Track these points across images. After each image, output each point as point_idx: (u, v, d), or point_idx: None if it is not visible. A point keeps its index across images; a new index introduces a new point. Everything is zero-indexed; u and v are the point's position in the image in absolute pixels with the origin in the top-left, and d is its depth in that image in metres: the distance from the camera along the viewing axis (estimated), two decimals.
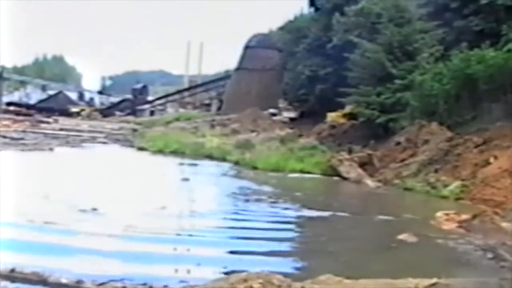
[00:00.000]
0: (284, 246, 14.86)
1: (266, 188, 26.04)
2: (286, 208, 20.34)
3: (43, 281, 9.79)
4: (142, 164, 36.51)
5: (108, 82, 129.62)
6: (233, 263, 12.33)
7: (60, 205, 17.43)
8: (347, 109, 47.59)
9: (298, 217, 19.15)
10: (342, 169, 31.68)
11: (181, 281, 9.11)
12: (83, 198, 18.66)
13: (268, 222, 17.44)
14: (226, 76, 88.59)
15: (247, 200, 22.11)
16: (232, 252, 13.92)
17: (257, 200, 22.03)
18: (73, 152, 39.59)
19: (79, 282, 9.53)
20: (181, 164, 36.85)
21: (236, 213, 19.15)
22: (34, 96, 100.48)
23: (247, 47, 76.36)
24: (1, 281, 9.36)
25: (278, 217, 18.38)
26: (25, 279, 9.79)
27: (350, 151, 35.68)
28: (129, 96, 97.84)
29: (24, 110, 78.37)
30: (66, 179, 24.46)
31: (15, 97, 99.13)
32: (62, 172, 27.91)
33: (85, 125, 64.53)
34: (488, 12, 39.58)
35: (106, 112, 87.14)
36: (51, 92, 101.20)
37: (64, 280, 9.81)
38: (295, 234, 17.01)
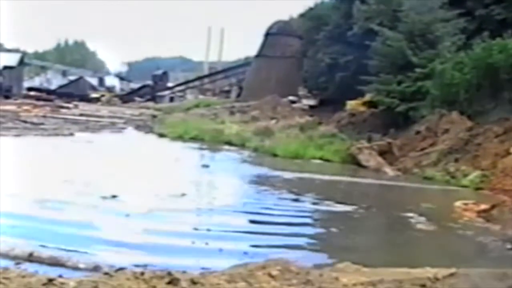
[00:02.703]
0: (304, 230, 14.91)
1: (286, 176, 26.02)
2: (303, 201, 20.30)
3: (61, 265, 9.83)
4: (162, 150, 36.54)
5: (128, 69, 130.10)
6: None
7: (80, 191, 17.48)
8: (367, 97, 47.41)
9: (319, 207, 19.10)
10: (362, 158, 31.63)
11: (202, 268, 9.10)
12: (103, 184, 18.74)
13: (288, 216, 17.22)
14: (246, 63, 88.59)
15: (265, 189, 22.04)
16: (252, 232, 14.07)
17: (276, 189, 21.96)
18: (93, 137, 39.69)
19: (97, 267, 9.55)
20: (201, 150, 36.98)
21: (255, 201, 19.17)
22: (55, 81, 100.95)
23: (267, 34, 76.28)
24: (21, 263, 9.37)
25: (297, 211, 18.25)
26: (42, 263, 9.83)
27: (369, 140, 35.63)
28: (149, 82, 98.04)
29: (44, 95, 78.79)
30: (86, 165, 24.56)
31: (36, 82, 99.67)
32: (82, 157, 28.00)
33: (105, 110, 64.78)
34: (510, 1, 39.30)
35: (126, 98, 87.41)
36: (71, 78, 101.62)
37: (81, 265, 9.84)
38: (314, 221, 16.98)
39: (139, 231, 13.09)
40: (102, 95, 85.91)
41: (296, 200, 19.56)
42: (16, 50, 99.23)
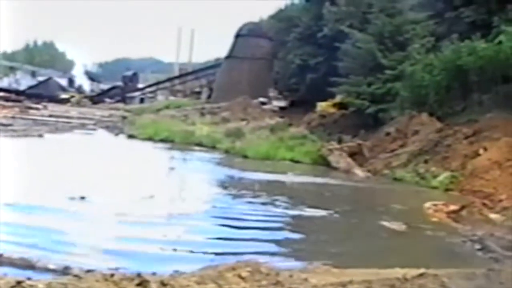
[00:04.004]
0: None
1: (256, 178, 25.99)
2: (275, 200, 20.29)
3: (31, 266, 9.78)
4: (132, 151, 36.34)
5: (98, 69, 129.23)
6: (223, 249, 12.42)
7: (48, 192, 17.37)
8: (338, 98, 47.59)
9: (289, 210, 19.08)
10: (332, 159, 31.73)
11: (173, 270, 9.09)
12: (72, 185, 18.59)
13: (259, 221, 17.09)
14: (216, 64, 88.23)
15: (235, 192, 21.93)
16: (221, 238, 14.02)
17: (246, 192, 21.84)
18: (63, 138, 39.45)
19: (67, 268, 9.51)
20: (171, 151, 36.90)
21: (225, 205, 19.07)
22: (24, 82, 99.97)
23: (238, 36, 76.10)
24: None
25: (268, 215, 18.09)
26: (12, 264, 9.78)
27: (340, 141, 35.77)
28: (119, 83, 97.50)
29: (13, 96, 77.89)
30: (54, 166, 24.38)
31: (5, 83, 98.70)
32: (50, 159, 27.81)
33: (74, 111, 64.29)
34: (480, 3, 39.54)
35: (96, 99, 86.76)
36: (40, 78, 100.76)
37: (51, 266, 9.79)
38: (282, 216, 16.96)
39: (107, 234, 13.05)
40: (72, 96, 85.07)
41: (266, 204, 19.43)
42: None
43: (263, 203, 19.33)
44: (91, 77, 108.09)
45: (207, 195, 20.78)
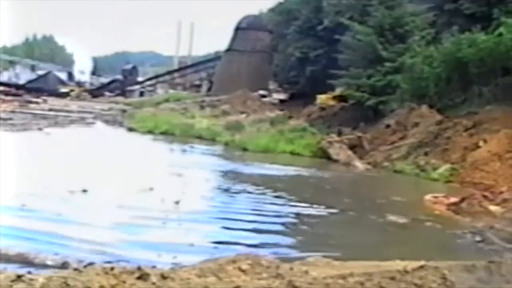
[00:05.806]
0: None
1: (257, 172, 25.94)
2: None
3: (29, 262, 9.75)
4: (131, 145, 36.23)
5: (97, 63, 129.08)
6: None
7: (49, 186, 17.33)
8: (337, 91, 47.55)
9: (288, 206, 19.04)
10: (332, 151, 31.70)
11: (172, 263, 9.09)
12: (72, 179, 18.55)
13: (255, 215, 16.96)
14: (216, 57, 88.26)
15: (235, 187, 21.77)
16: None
17: (247, 187, 21.72)
18: (62, 132, 39.39)
19: (65, 263, 9.49)
20: (171, 144, 36.87)
21: (224, 202, 18.92)
22: (24, 76, 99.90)
23: (237, 29, 76.12)
24: None
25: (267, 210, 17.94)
26: (10, 261, 9.74)
27: (340, 133, 35.75)
28: (119, 76, 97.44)
29: (13, 90, 77.79)
30: (55, 160, 24.32)
31: (4, 77, 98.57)
32: (51, 152, 27.73)
33: (74, 105, 64.25)
34: None
35: (96, 92, 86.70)
36: (40, 72, 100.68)
37: (49, 262, 9.77)
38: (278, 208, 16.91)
39: (107, 227, 13.04)
40: (72, 90, 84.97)
41: (266, 198, 19.23)
42: None
43: (264, 197, 19.27)
44: (94, 70, 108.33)
45: (207, 188, 20.75)
